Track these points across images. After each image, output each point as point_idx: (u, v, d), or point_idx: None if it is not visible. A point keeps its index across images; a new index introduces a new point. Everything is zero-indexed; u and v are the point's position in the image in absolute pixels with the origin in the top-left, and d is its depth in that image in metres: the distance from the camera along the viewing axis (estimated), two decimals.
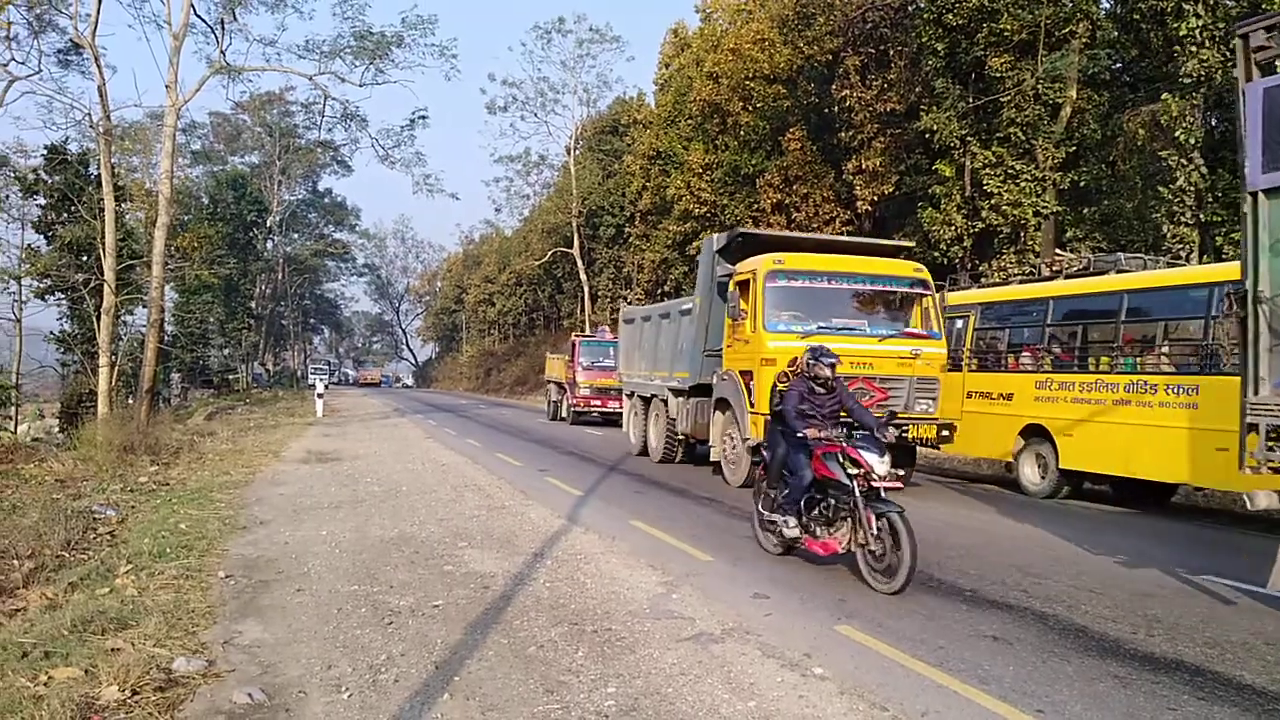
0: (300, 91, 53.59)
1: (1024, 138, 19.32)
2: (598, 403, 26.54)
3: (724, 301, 13.09)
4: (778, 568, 7.86)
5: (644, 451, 17.17)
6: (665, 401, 15.67)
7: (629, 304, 44.69)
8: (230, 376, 50.80)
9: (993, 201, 19.51)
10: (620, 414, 23.05)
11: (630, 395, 18.51)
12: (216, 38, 26.77)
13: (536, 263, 58.42)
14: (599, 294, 52.24)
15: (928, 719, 4.52)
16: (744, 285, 12.51)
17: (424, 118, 32.50)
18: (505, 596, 6.72)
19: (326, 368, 73.59)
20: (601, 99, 55.62)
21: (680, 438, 15.42)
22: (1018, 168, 19.34)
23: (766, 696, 4.76)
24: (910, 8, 23.57)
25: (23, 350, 35.09)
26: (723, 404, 13.21)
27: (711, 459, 13.83)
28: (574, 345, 27.29)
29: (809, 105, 28.75)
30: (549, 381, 31.67)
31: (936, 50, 20.31)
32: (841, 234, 26.97)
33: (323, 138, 53.06)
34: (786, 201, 27.45)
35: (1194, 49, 15.54)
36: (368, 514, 10.35)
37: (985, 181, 19.65)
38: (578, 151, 54.85)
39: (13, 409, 28.69)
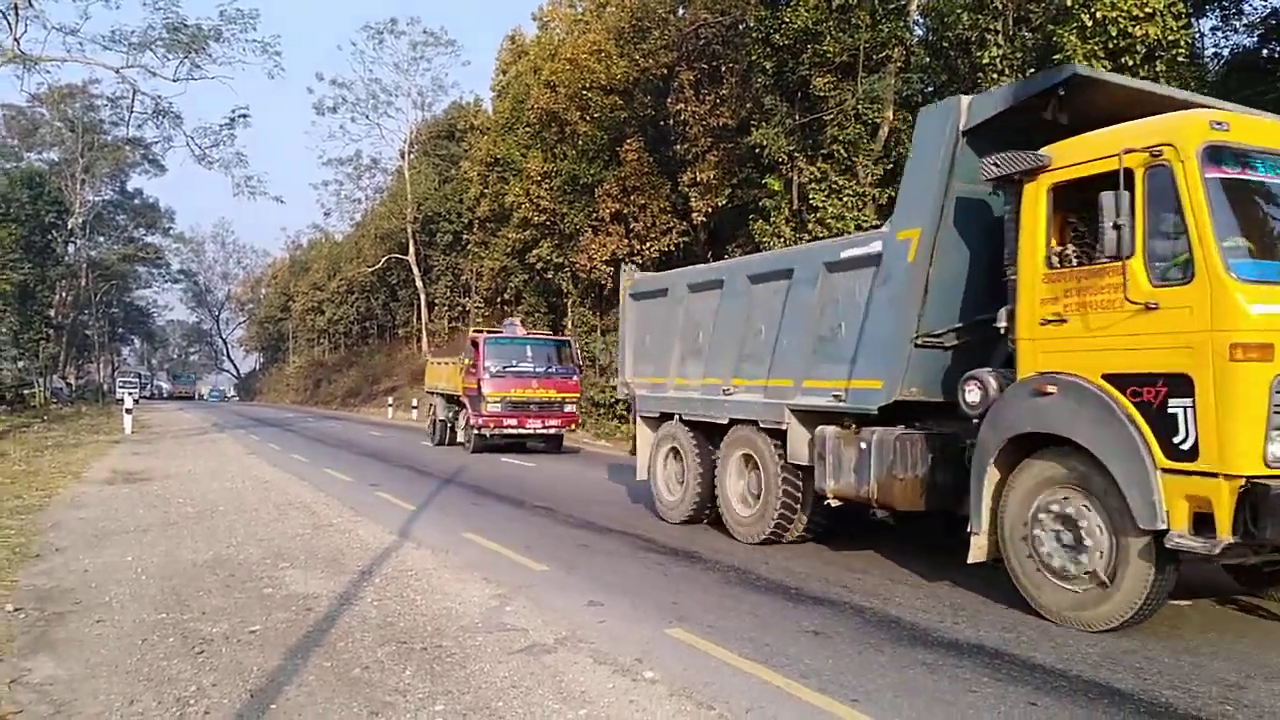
0: (106, 84, 50.03)
1: (846, 155, 20.32)
2: (512, 422, 20.07)
3: (975, 233, 7.30)
4: (612, 575, 7.91)
5: (694, 514, 10.36)
6: (770, 432, 9.03)
7: (479, 310, 44.07)
8: (25, 391, 46.35)
9: (818, 215, 20.41)
10: (548, 434, 21.02)
11: (657, 418, 11.25)
12: (9, 24, 24.49)
13: (369, 269, 56.62)
14: (436, 302, 51.16)
15: (752, 714, 4.66)
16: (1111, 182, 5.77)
17: (245, 116, 31.01)
18: (329, 618, 6.45)
19: (136, 380, 68.36)
20: (437, 103, 54.82)
21: (814, 499, 8.72)
22: (841, 183, 20.32)
23: (598, 704, 4.78)
24: (740, 26, 24.38)
25: None
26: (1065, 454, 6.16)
27: (976, 558, 6.81)
28: (476, 345, 20.63)
29: (645, 117, 29.21)
30: (431, 394, 24.86)
31: (765, 68, 21.10)
32: (678, 244, 27.63)
33: (132, 135, 49.45)
34: (625, 211, 27.77)
35: (995, 75, 16.80)
36: (179, 537, 9.68)
37: (811, 196, 20.54)
38: (412, 156, 53.58)
39: None
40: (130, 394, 34.65)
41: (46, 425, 30.94)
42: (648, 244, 27.39)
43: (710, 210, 25.42)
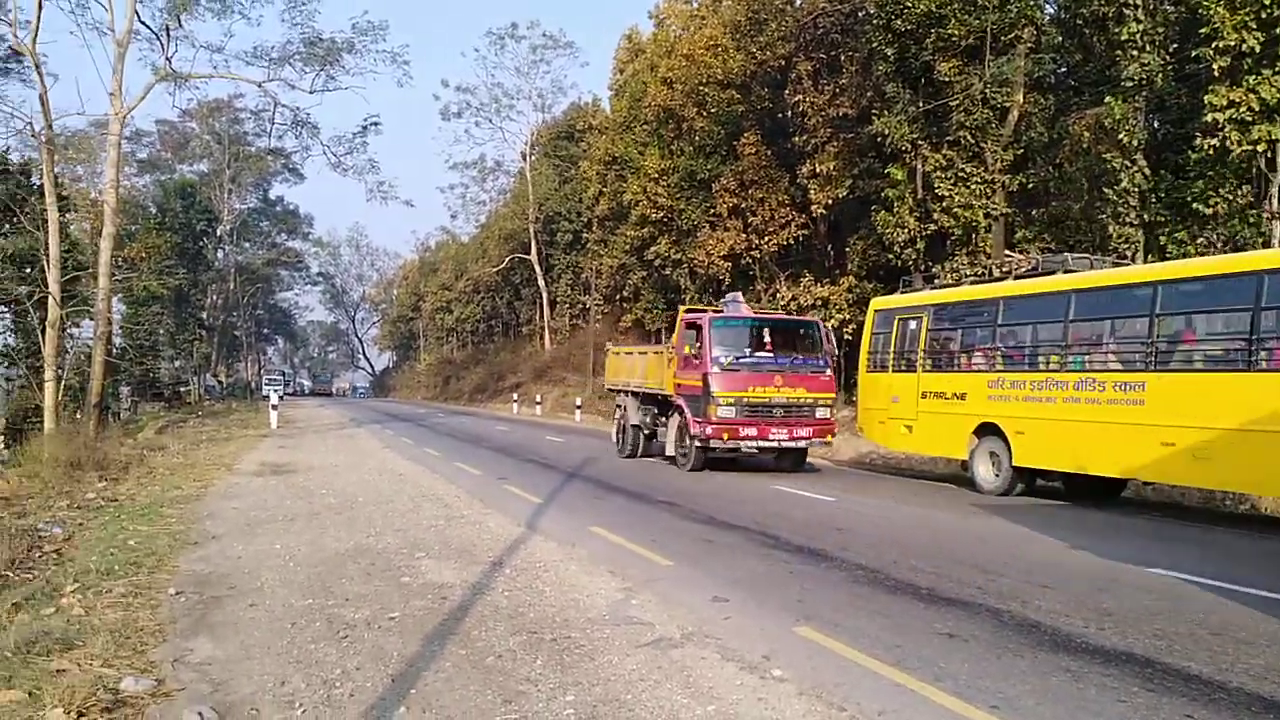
0: (249, 99, 52.82)
1: (973, 141, 19.63)
2: (751, 431, 14.90)
3: None
4: (738, 570, 7.88)
5: None
6: None
7: (586, 308, 44.70)
8: (182, 389, 49.77)
9: (944, 204, 19.80)
10: (794, 448, 15.59)
11: None
12: (161, 44, 26.27)
13: (494, 269, 58.12)
14: (557, 300, 52.10)
15: (885, 717, 4.56)
16: None
17: (376, 124, 32.50)
18: (463, 607, 6.66)
19: (281, 378, 72.43)
20: (556, 104, 55.56)
21: None
22: (968, 170, 19.64)
23: (726, 700, 4.77)
24: (860, 13, 23.85)
25: None
26: None
27: None
28: (698, 328, 15.46)
29: (763, 110, 28.94)
30: (617, 392, 19.94)
31: (886, 55, 20.58)
32: (797, 238, 27.27)
33: (273, 145, 52.38)
34: (742, 206, 27.61)
35: (1135, 53, 15.91)
36: (323, 526, 10.19)
37: (936, 184, 19.94)
38: (534, 157, 54.65)
39: None
40: (275, 391, 36.71)
41: (201, 420, 33.15)
42: (766, 238, 27.15)
43: (830, 202, 24.99)
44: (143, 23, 25.28)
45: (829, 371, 15.87)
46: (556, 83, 59.86)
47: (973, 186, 19.57)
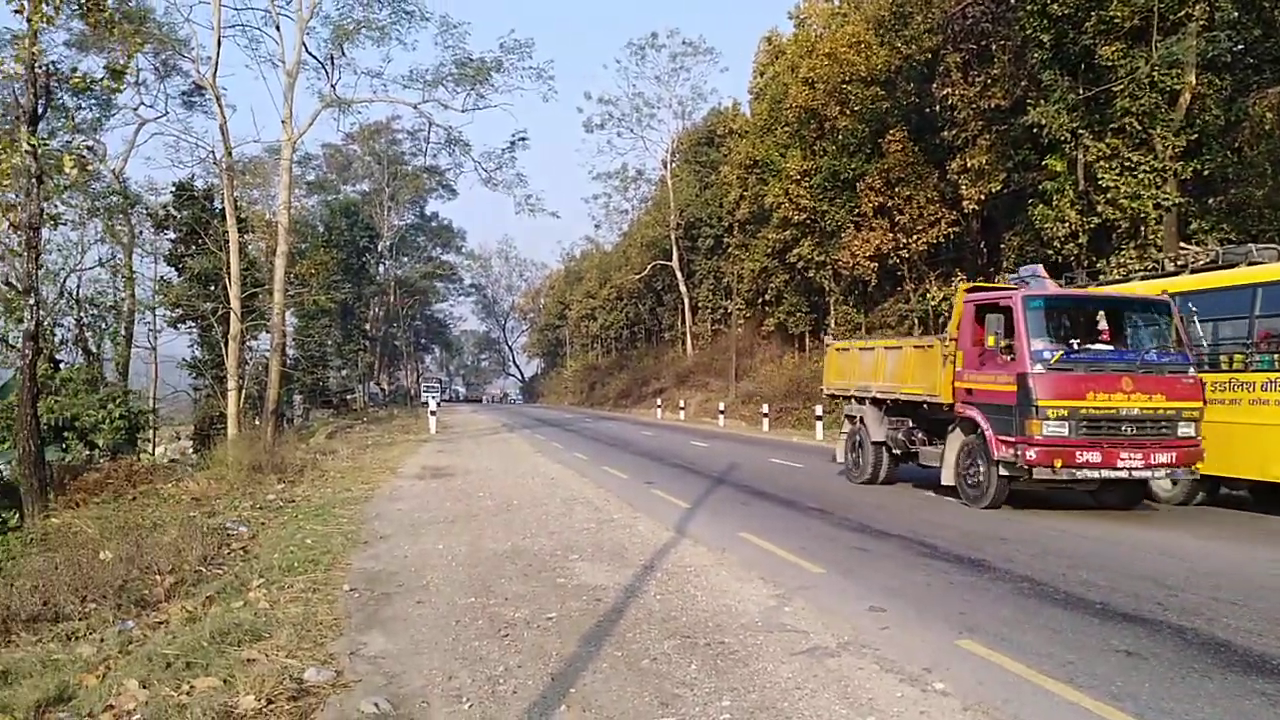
0: (406, 120, 55.48)
1: (1140, 128, 18.45)
2: (1093, 456, 10.74)
3: None
4: (894, 580, 7.68)
5: None
6: None
7: (730, 314, 44.63)
8: (348, 396, 52.82)
9: (1109, 195, 18.70)
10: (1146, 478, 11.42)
11: None
12: (327, 73, 28.06)
13: (636, 276, 58.86)
14: (699, 305, 52.23)
15: None
16: None
17: (524, 139, 33.59)
18: (617, 609, 6.78)
19: (438, 385, 75.75)
20: (696, 111, 55.78)
21: None
22: (1135, 159, 18.48)
23: (886, 712, 4.66)
24: (1012, 0, 22.85)
25: (159, 376, 37.45)
26: None
27: None
28: (1007, 310, 11.37)
29: (909, 105, 28.15)
30: (840, 398, 16.24)
31: (1042, 42, 19.62)
32: (948, 235, 26.36)
33: (428, 163, 54.94)
34: (889, 204, 26.95)
35: None
36: (481, 528, 10.59)
37: (1100, 175, 18.85)
38: (674, 164, 55.06)
39: (151, 432, 30.49)
40: (433, 398, 38.40)
41: (366, 426, 35.06)
42: (914, 237, 26.39)
43: (983, 197, 24.02)
44: (310, 53, 27.07)
45: (1193, 370, 11.21)
46: (696, 89, 60.19)
47: (1140, 176, 18.39)
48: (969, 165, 23.93)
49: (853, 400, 15.26)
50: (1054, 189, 20.10)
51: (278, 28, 26.23)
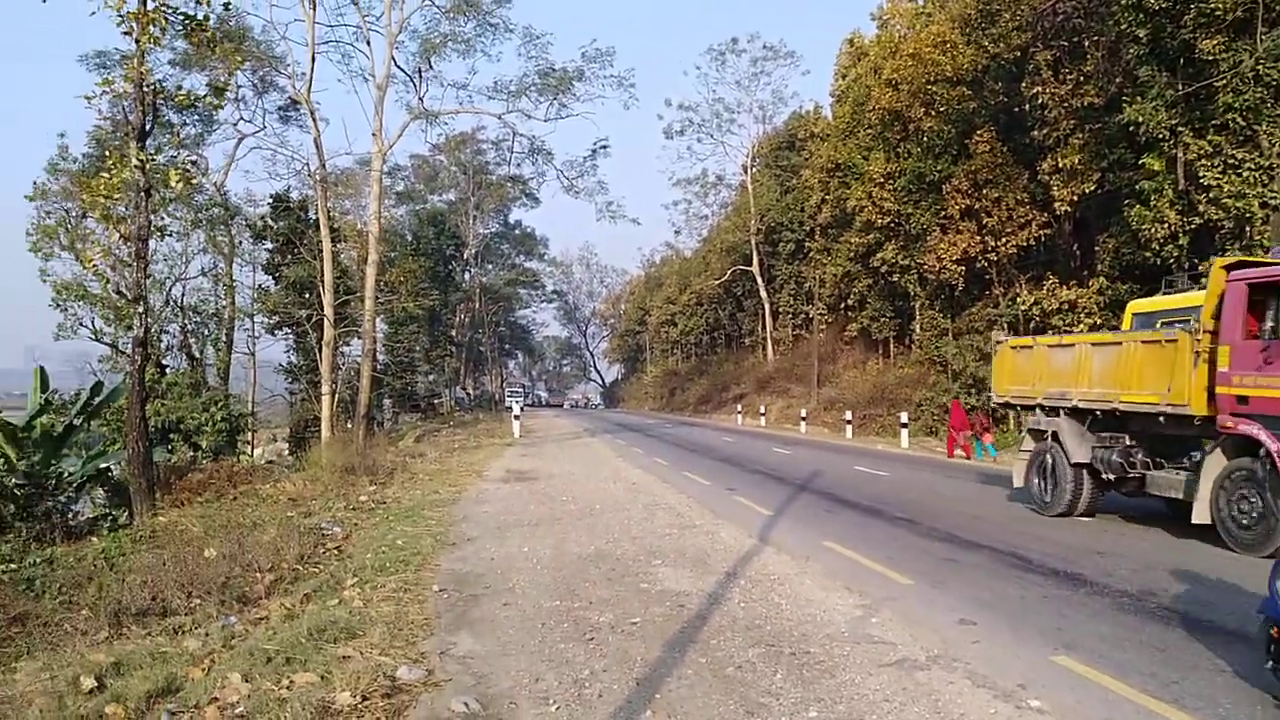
0: (490, 130, 56.52)
1: (1244, 124, 17.58)
2: None
3: None
4: (985, 592, 7.49)
5: None
6: None
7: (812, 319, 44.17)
8: (435, 400, 53.97)
9: (1211, 195, 17.87)
10: None
11: None
12: (415, 86, 28.85)
13: (716, 282, 58.72)
14: (780, 310, 51.81)
15: None
16: None
17: (605, 147, 33.65)
18: (701, 615, 6.78)
19: (521, 390, 76.88)
20: (777, 115, 55.36)
21: None
22: (1239, 157, 17.61)
23: None
24: None
25: (257, 381, 38.97)
26: None
27: None
28: None
29: (997, 105, 27.42)
30: (1025, 408, 14.12)
31: (1138, 37, 18.88)
32: (1038, 238, 25.60)
33: (512, 173, 55.79)
34: (976, 207, 26.27)
35: None
36: (565, 531, 10.71)
37: (1201, 174, 18.03)
38: (755, 169, 54.79)
39: (250, 434, 31.73)
40: (517, 402, 39.00)
41: (452, 430, 35.78)
42: (1003, 240, 25.67)
43: (1076, 198, 23.22)
44: (399, 67, 27.86)
45: None
46: (777, 93, 59.60)
47: (1245, 174, 17.53)
48: (1061, 165, 23.17)
49: (1039, 411, 12.56)
50: (1152, 189, 19.32)
51: (368, 43, 27.07)
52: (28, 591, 8.92)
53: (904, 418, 26.11)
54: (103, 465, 17.03)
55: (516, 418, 32.62)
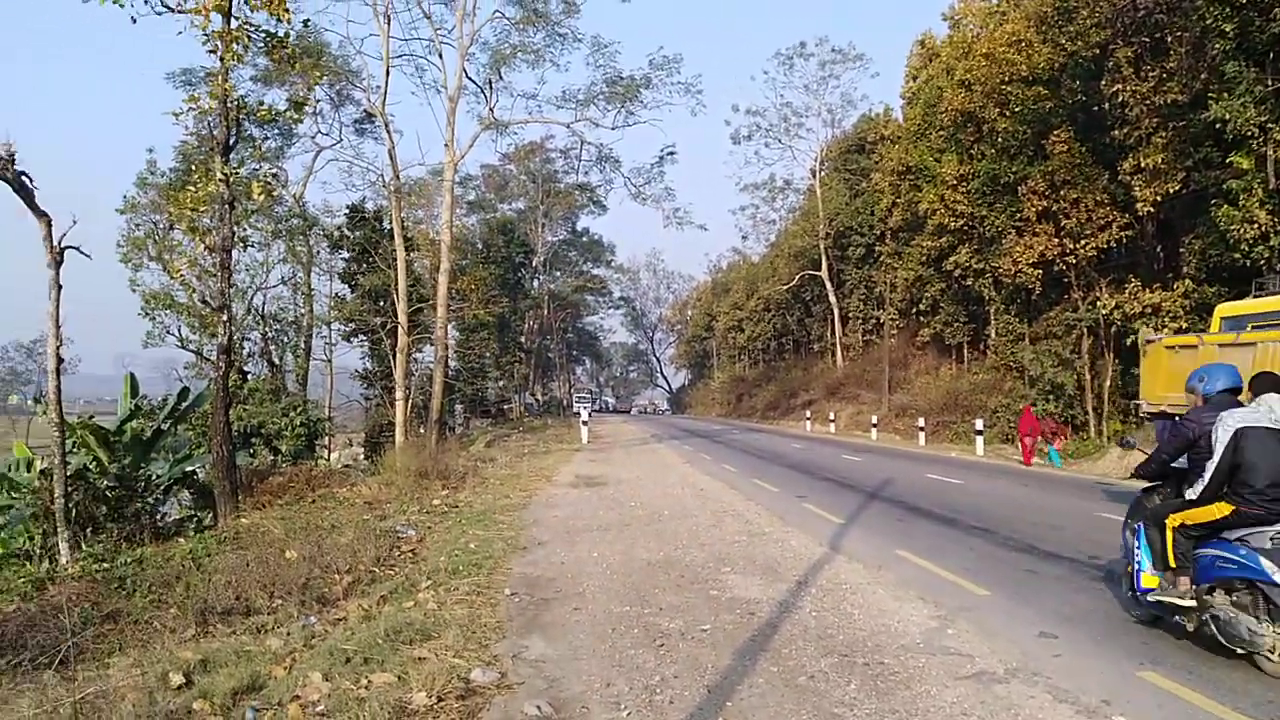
0: (559, 139, 57.20)
1: None
2: None
3: None
4: (1066, 605, 7.28)
5: None
6: None
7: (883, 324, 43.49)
8: (505, 406, 54.72)
9: None
10: None
11: None
12: (485, 96, 29.33)
13: (784, 287, 58.34)
14: (850, 315, 51.21)
15: None
16: None
17: (672, 154, 33.91)
18: (771, 624, 6.73)
19: (589, 396, 77.42)
20: (846, 118, 54.90)
21: None
22: None
23: None
24: None
25: (334, 386, 39.97)
26: None
27: None
28: None
29: (1074, 104, 26.68)
30: (1157, 418, 13.10)
31: (1224, 31, 18.19)
32: (1119, 240, 24.82)
33: (580, 180, 56.24)
34: (1053, 208, 25.58)
35: None
36: (634, 537, 10.74)
37: None
38: (823, 173, 54.33)
39: (327, 439, 32.55)
40: (585, 408, 39.26)
41: (522, 435, 36.19)
42: (1082, 242, 24.94)
43: (1159, 199, 22.44)
44: (470, 79, 28.36)
45: None
46: (846, 96, 59.04)
47: None
48: (1143, 165, 22.43)
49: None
50: (1240, 188, 18.58)
51: (440, 55, 27.66)
52: (120, 590, 9.26)
53: (979, 425, 25.54)
54: (189, 468, 17.61)
55: (584, 423, 32.83)
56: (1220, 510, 5.71)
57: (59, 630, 7.45)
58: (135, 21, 13.53)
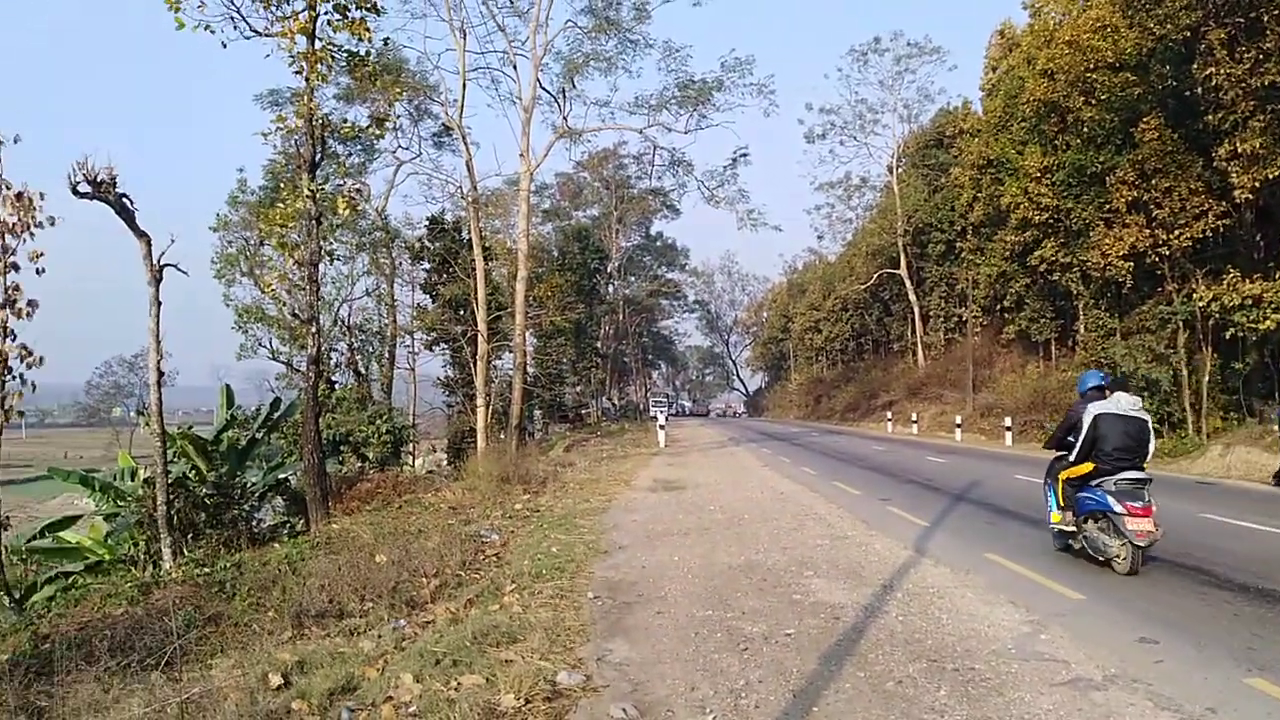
0: (631, 145, 57.46)
1: None
2: None
3: None
4: (1166, 609, 7.01)
5: None
6: None
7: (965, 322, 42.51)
8: (582, 411, 55.14)
9: None
10: None
11: None
12: (559, 105, 29.65)
13: (862, 286, 57.51)
14: (930, 313, 50.18)
15: None
16: None
17: (745, 155, 33.36)
18: (857, 628, 6.65)
19: (665, 400, 77.43)
20: (923, 113, 53.81)
21: None
22: None
23: None
24: None
25: (417, 394, 40.90)
26: None
27: None
28: None
29: (1164, 90, 25.67)
30: None
31: None
32: (1216, 229, 23.79)
33: (653, 185, 56.40)
34: (1144, 198, 24.66)
35: None
36: (714, 541, 10.72)
37: None
38: (900, 169, 53.41)
39: (411, 445, 33.32)
40: (662, 412, 39.27)
41: (600, 440, 36.44)
42: (1175, 232, 23.97)
43: (1257, 185, 21.43)
44: (544, 89, 28.71)
45: None
46: (923, 90, 57.63)
47: None
48: (1240, 150, 21.45)
49: None
50: None
51: (514, 67, 28.05)
52: (220, 593, 9.62)
53: None
54: (281, 476, 18.23)
55: (661, 427, 32.86)
56: (1087, 468, 8.64)
57: (164, 633, 7.78)
58: (225, 47, 14.11)
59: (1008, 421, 29.70)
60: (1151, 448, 8.52)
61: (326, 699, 5.80)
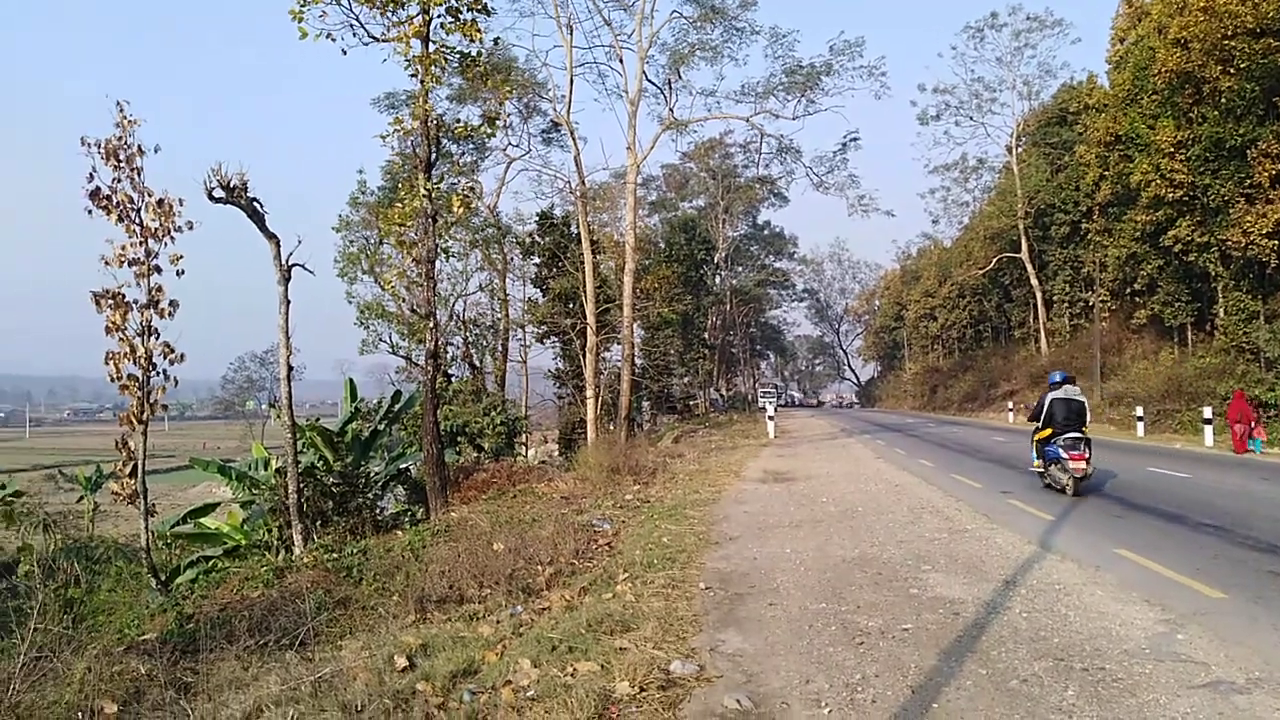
0: (738, 134, 56.84)
1: None
2: None
3: None
4: None
5: None
6: None
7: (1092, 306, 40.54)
8: (690, 402, 55.20)
9: None
10: None
11: None
12: (665, 98, 29.68)
13: (980, 271, 55.64)
14: (1054, 299, 48.12)
15: None
16: None
17: (855, 140, 32.64)
18: (978, 624, 6.46)
19: (774, 391, 76.76)
20: (1044, 89, 51.56)
21: None
22: None
23: None
24: None
25: (529, 386, 41.78)
26: None
27: None
28: None
29: None
30: None
31: None
32: None
33: (760, 174, 55.86)
34: None
35: None
36: (827, 533, 10.58)
37: None
38: (1020, 149, 51.33)
39: (524, 436, 34.07)
40: (771, 403, 38.97)
41: (708, 431, 36.41)
42: None
43: None
44: (650, 81, 28.79)
45: None
46: (1043, 66, 55.13)
47: None
48: None
49: None
50: None
51: (620, 60, 28.24)
52: (348, 578, 10.07)
53: (1207, 413, 23.30)
54: (403, 465, 18.92)
55: (770, 418, 32.59)
56: (1047, 432, 13.43)
57: (298, 615, 8.20)
58: (345, 54, 14.68)
59: (1139, 411, 28.22)
60: (1089, 419, 13.55)
61: (449, 681, 6.00)
